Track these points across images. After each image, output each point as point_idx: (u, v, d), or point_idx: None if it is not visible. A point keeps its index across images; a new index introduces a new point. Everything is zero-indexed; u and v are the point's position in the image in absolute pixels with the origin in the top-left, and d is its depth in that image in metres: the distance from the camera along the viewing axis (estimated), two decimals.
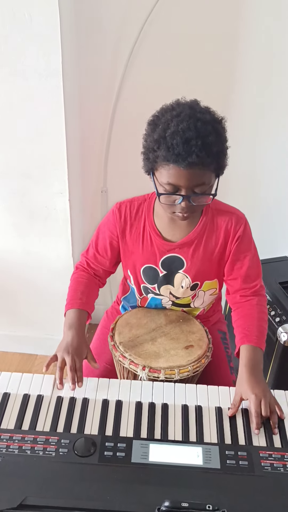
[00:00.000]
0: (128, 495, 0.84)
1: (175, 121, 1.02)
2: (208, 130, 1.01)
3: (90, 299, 1.29)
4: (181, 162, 1.00)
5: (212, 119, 1.05)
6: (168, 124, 1.03)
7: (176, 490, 0.85)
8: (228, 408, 1.05)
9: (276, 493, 0.86)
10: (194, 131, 1.00)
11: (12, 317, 2.11)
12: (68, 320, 1.23)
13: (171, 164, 1.03)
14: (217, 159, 1.05)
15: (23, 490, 0.83)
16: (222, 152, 1.07)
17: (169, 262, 1.25)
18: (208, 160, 1.02)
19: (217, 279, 1.30)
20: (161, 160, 1.04)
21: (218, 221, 1.23)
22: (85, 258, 1.35)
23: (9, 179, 1.69)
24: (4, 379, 1.09)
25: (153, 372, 1.15)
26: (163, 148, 1.02)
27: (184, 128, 1.00)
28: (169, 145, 1.01)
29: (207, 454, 0.92)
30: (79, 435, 0.95)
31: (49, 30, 1.38)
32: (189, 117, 1.01)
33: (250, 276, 1.25)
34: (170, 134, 1.01)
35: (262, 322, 1.23)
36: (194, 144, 0.99)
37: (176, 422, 1.00)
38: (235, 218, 1.23)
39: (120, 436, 0.96)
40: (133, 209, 1.25)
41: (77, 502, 0.82)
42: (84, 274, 1.34)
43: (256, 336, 1.17)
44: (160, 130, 1.03)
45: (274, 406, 1.04)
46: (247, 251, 1.24)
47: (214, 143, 1.02)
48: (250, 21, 1.61)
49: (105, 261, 1.32)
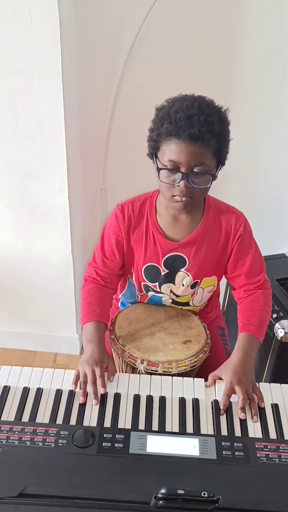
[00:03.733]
0: (126, 485, 0.85)
1: (180, 101, 1.07)
2: (212, 111, 1.05)
3: (105, 310, 1.27)
4: (182, 134, 1.03)
5: (217, 107, 1.09)
6: (173, 103, 1.08)
7: (173, 480, 0.87)
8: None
9: (271, 483, 0.87)
10: (197, 109, 1.04)
11: (11, 313, 2.13)
12: (86, 335, 1.20)
13: (173, 138, 1.05)
14: (218, 139, 1.05)
15: (23, 479, 0.84)
16: (224, 136, 1.08)
17: (172, 261, 1.27)
18: (209, 135, 1.03)
19: (216, 276, 1.32)
20: (164, 136, 1.07)
21: (219, 220, 1.24)
22: (93, 267, 1.32)
23: (9, 177, 1.71)
24: (4, 373, 1.10)
25: (151, 366, 1.17)
26: (166, 123, 1.05)
27: (188, 106, 1.04)
28: (172, 120, 1.04)
29: (204, 445, 0.93)
30: (78, 427, 0.96)
31: (49, 29, 1.40)
32: (194, 99, 1.06)
33: (253, 271, 1.28)
34: (174, 111, 1.05)
35: (264, 313, 1.25)
36: (196, 119, 1.02)
37: (173, 414, 1.02)
38: (235, 217, 1.24)
39: (118, 428, 0.97)
40: (135, 209, 1.25)
41: (76, 491, 0.83)
42: (94, 286, 1.30)
43: (255, 326, 1.21)
44: (165, 109, 1.08)
45: (253, 394, 1.07)
46: (248, 249, 1.26)
47: (216, 122, 1.04)
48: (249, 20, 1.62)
49: (114, 265, 1.30)
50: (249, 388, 1.08)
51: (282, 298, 1.68)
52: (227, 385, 1.08)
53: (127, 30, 1.62)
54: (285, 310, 1.63)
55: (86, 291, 1.29)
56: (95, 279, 1.31)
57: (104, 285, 1.31)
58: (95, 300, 1.26)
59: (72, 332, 2.15)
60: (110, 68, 1.71)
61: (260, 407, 1.05)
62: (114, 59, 1.69)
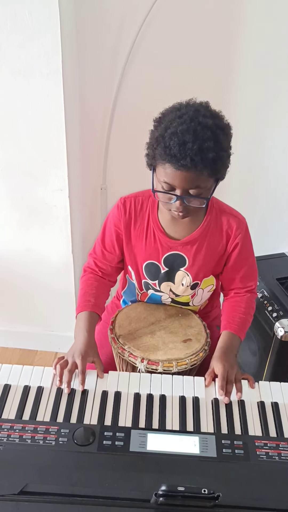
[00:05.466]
0: (126, 482, 0.86)
1: (177, 122, 1.03)
2: (207, 135, 1.01)
3: (100, 301, 1.29)
4: (175, 163, 1.02)
5: (215, 124, 1.04)
6: (170, 123, 1.04)
7: (173, 478, 0.87)
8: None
9: (271, 481, 0.88)
10: (192, 134, 1.00)
11: (12, 313, 2.13)
12: (78, 324, 1.24)
13: (167, 163, 1.04)
14: (212, 165, 1.03)
15: (24, 477, 0.85)
16: (220, 159, 1.04)
17: (172, 259, 1.27)
18: (202, 165, 1.02)
19: (213, 276, 1.33)
20: (159, 158, 1.06)
21: (221, 222, 1.25)
22: (93, 258, 1.34)
23: (9, 176, 1.71)
24: (5, 371, 1.11)
25: (152, 364, 1.17)
26: (160, 147, 1.04)
27: (183, 130, 1.01)
28: (167, 145, 1.02)
29: (204, 443, 0.94)
30: (79, 425, 0.97)
31: (49, 29, 1.40)
32: (191, 120, 1.02)
33: (247, 278, 1.32)
34: (169, 135, 1.02)
35: (247, 316, 1.30)
36: (190, 147, 1.00)
37: (173, 413, 1.02)
38: (237, 222, 1.24)
39: (118, 426, 0.98)
40: (137, 205, 1.26)
41: (77, 489, 0.83)
42: (92, 276, 1.33)
43: (237, 325, 1.25)
44: (162, 129, 1.05)
45: (233, 377, 1.12)
46: (245, 259, 1.29)
47: (210, 149, 1.01)
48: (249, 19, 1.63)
49: (113, 257, 1.32)
50: (230, 371, 1.12)
51: (282, 297, 1.68)
52: (222, 370, 1.12)
53: (127, 29, 1.63)
54: (285, 309, 1.63)
55: (84, 281, 1.33)
56: (93, 270, 1.34)
57: (102, 277, 1.34)
58: (91, 291, 1.29)
59: (72, 331, 2.14)
60: (110, 67, 1.71)
61: (237, 398, 1.08)
62: (115, 59, 1.69)
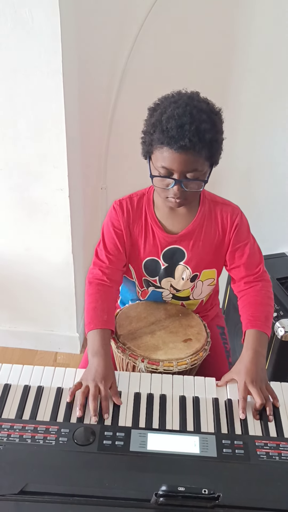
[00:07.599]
0: (126, 482, 0.85)
1: (172, 107, 1.05)
2: (203, 118, 1.04)
3: (111, 315, 1.23)
4: (173, 144, 1.03)
5: (209, 109, 1.07)
6: (165, 109, 1.06)
7: (173, 477, 0.87)
8: (224, 400, 1.07)
9: (271, 481, 0.87)
10: (189, 117, 1.03)
11: (12, 312, 2.13)
12: (92, 345, 1.14)
13: (165, 147, 1.05)
14: (209, 147, 1.06)
15: (24, 477, 0.84)
16: (216, 141, 1.08)
17: (171, 254, 1.27)
18: (200, 145, 1.04)
19: (216, 269, 1.32)
20: (156, 143, 1.07)
21: (215, 212, 1.26)
22: (98, 266, 1.27)
23: (10, 176, 1.71)
24: (5, 371, 1.11)
25: (152, 364, 1.17)
26: (158, 131, 1.05)
27: (179, 113, 1.03)
28: (164, 128, 1.04)
29: (204, 443, 0.94)
30: (79, 425, 0.96)
31: (50, 28, 1.40)
32: (186, 104, 1.05)
33: (252, 262, 1.28)
34: (166, 118, 1.04)
35: (268, 307, 1.24)
36: (187, 129, 1.02)
37: (173, 412, 1.02)
38: (231, 209, 1.26)
39: (118, 426, 0.98)
40: (134, 204, 1.26)
41: (77, 489, 0.83)
42: (100, 288, 1.25)
43: (261, 321, 1.20)
44: (158, 114, 1.07)
45: (267, 394, 1.06)
46: (246, 239, 1.27)
47: (207, 130, 1.04)
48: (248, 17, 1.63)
49: (119, 261, 1.28)
50: (262, 387, 1.07)
51: (282, 297, 1.68)
52: (241, 387, 1.06)
53: (128, 28, 1.63)
54: (285, 309, 1.63)
55: (92, 294, 1.24)
56: (101, 280, 1.25)
57: (110, 285, 1.26)
58: (101, 305, 1.21)
59: (73, 331, 2.15)
60: (111, 67, 1.71)
61: (276, 407, 1.04)
62: (115, 58, 1.69)
